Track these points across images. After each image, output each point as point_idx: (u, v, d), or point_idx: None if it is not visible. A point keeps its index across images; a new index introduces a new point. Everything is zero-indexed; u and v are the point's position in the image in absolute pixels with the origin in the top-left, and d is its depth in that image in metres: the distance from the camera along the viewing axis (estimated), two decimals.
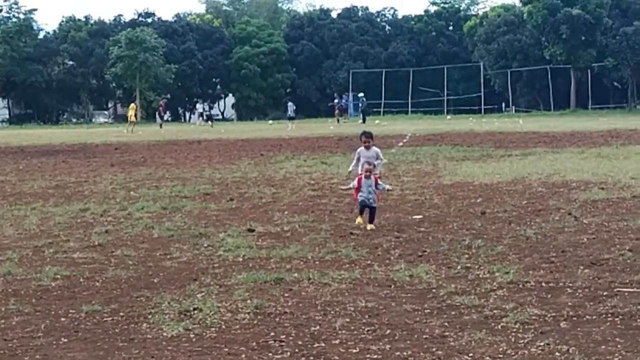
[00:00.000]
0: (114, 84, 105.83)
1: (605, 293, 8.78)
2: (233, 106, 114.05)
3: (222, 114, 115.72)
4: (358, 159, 14.41)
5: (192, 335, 7.54)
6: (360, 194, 13.54)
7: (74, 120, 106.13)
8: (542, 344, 7.05)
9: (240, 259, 11.05)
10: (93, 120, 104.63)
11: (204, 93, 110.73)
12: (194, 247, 12.01)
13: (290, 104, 71.00)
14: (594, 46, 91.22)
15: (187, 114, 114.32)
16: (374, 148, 14.63)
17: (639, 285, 9.11)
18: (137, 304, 8.75)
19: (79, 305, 8.76)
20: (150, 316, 8.23)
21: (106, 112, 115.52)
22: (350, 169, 15.21)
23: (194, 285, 9.56)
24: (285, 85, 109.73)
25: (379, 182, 13.87)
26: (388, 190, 14.70)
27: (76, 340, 7.51)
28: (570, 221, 13.49)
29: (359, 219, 13.72)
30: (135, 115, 64.60)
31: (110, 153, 35.06)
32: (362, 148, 14.50)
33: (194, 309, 8.38)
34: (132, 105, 66.79)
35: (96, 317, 8.28)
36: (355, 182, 13.78)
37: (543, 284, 9.26)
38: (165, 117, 69.61)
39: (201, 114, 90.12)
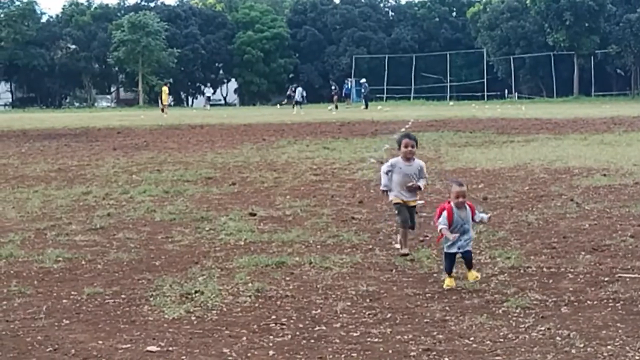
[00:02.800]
0: (116, 68, 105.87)
1: (606, 279, 8.78)
2: (235, 91, 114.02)
3: (225, 98, 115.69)
4: (388, 173, 10.33)
5: (193, 318, 7.55)
6: (447, 241, 8.50)
7: (77, 104, 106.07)
8: (542, 328, 7.06)
9: (242, 243, 11.06)
10: (95, 104, 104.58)
11: (206, 78, 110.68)
12: (195, 231, 12.02)
13: (300, 89, 71.17)
14: (598, 33, 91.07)
15: (190, 99, 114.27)
16: (418, 160, 10.34)
17: None
18: (139, 287, 8.77)
19: (80, 287, 8.77)
20: (151, 298, 8.24)
21: (108, 97, 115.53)
22: (382, 187, 10.53)
23: (196, 268, 9.57)
24: (288, 71, 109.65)
25: (477, 212, 8.75)
26: (486, 221, 9.11)
27: (78, 322, 7.53)
28: (572, 207, 13.48)
29: (448, 281, 8.55)
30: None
31: (112, 137, 35.05)
32: (398, 159, 10.21)
33: (196, 292, 8.39)
34: (164, 88, 68.20)
35: (98, 299, 8.29)
36: (444, 220, 8.44)
37: (544, 269, 9.26)
38: (168, 102, 70.00)
39: (208, 98, 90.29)
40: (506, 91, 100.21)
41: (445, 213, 8.45)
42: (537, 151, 23.48)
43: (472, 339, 6.87)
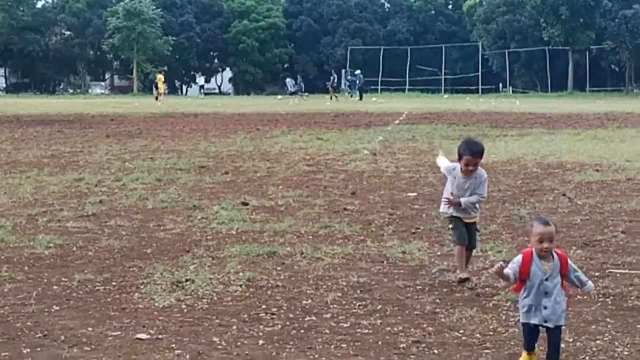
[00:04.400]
0: (111, 55, 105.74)
1: (597, 274, 8.80)
2: (230, 80, 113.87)
3: (219, 87, 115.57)
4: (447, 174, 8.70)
5: (183, 306, 7.55)
6: (525, 299, 5.90)
7: (71, 90, 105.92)
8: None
9: (234, 232, 11.06)
10: (89, 91, 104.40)
11: (201, 66, 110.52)
12: (187, 219, 12.01)
13: (299, 79, 71.37)
14: (593, 28, 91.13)
15: (184, 87, 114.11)
16: (481, 173, 8.40)
17: (631, 266, 9.13)
18: (130, 274, 8.76)
19: (71, 273, 8.76)
20: (142, 286, 8.24)
21: (103, 83, 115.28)
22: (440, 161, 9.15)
23: (187, 256, 9.56)
24: (283, 61, 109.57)
25: (576, 270, 6.01)
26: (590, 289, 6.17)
27: (68, 308, 7.52)
28: (564, 202, 13.50)
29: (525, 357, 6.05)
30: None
31: (106, 124, 34.98)
32: (455, 166, 8.47)
33: (186, 280, 8.39)
34: (160, 76, 68.49)
35: (88, 286, 8.28)
36: (515, 267, 5.89)
37: None
38: (162, 90, 70.15)
39: (201, 87, 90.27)
40: (501, 85, 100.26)
41: (518, 258, 5.86)
42: (530, 145, 23.50)
43: (461, 331, 6.88)
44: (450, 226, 8.69)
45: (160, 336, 6.69)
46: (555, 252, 5.83)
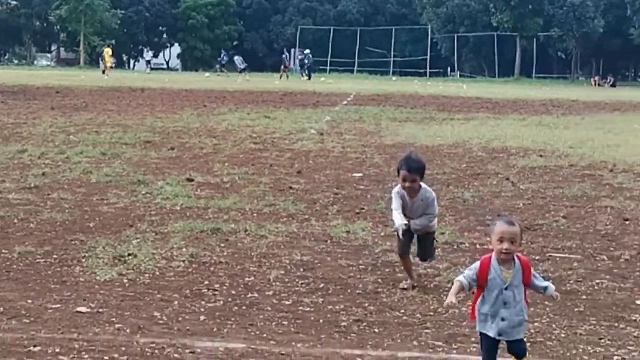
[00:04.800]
0: (58, 27, 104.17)
1: (537, 257, 8.91)
2: (178, 56, 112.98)
3: (167, 63, 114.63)
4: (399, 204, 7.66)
5: (125, 280, 7.50)
6: (483, 307, 5.33)
7: (15, 61, 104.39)
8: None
9: (178, 208, 11.01)
10: (35, 62, 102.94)
11: (149, 41, 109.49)
12: (131, 194, 11.92)
13: (237, 57, 70.83)
14: (541, 15, 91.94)
15: (132, 62, 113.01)
16: (427, 192, 7.72)
17: (571, 250, 9.27)
18: (71, 247, 8.68)
19: (11, 245, 8.66)
20: (83, 260, 8.17)
21: (49, 55, 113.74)
22: (397, 224, 7.54)
23: (130, 231, 9.50)
24: (232, 38, 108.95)
25: (536, 277, 5.43)
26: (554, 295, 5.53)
27: (7, 280, 7.43)
28: (508, 186, 13.64)
29: None
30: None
31: (51, 96, 34.52)
32: (401, 191, 7.62)
33: (129, 255, 8.33)
34: (107, 49, 67.86)
35: (29, 259, 8.20)
36: (472, 273, 5.34)
37: (477, 246, 9.37)
38: (110, 64, 69.40)
39: (148, 62, 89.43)
40: (449, 69, 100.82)
41: (476, 264, 5.32)
42: (476, 130, 23.68)
43: (402, 311, 6.94)
44: (396, 234, 7.81)
45: (100, 310, 6.65)
46: (517, 258, 5.26)
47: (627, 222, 10.90)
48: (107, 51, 68.64)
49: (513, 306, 5.19)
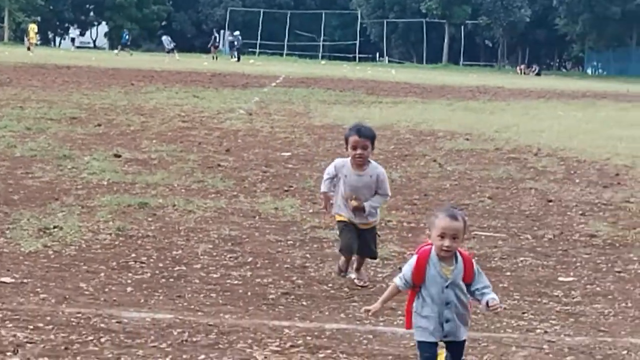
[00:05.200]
0: None
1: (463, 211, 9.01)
2: (106, 35, 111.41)
3: (94, 42, 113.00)
4: (332, 179, 7.07)
5: (50, 252, 7.41)
6: (422, 310, 4.77)
7: None
8: None
9: (105, 182, 10.89)
10: None
11: (76, 19, 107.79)
12: (57, 168, 11.76)
13: (165, 37, 70.19)
14: (469, 3, 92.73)
15: (58, 39, 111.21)
16: (375, 168, 7.04)
17: (496, 229, 9.41)
18: None
19: None
20: (7, 231, 8.05)
21: None
22: (322, 189, 7.21)
23: (55, 204, 9.38)
24: (161, 18, 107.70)
25: (480, 275, 4.85)
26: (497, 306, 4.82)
27: None
28: (435, 167, 13.78)
29: None
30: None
31: None
32: (345, 162, 6.99)
33: (54, 227, 8.23)
34: (32, 26, 66.73)
35: None
36: (407, 271, 4.81)
37: (404, 224, 9.46)
38: (36, 41, 68.29)
39: (73, 40, 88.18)
40: (378, 54, 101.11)
41: (412, 260, 4.78)
42: (404, 113, 23.83)
43: (330, 285, 6.97)
44: (338, 232, 7.10)
45: (25, 280, 6.56)
46: (460, 254, 4.73)
47: (550, 204, 11.10)
48: (33, 27, 67.50)
49: (456, 306, 4.68)
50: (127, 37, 78.80)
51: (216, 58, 68.42)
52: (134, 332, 5.57)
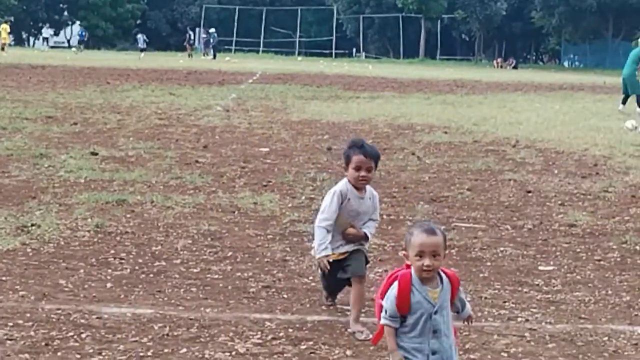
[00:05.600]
0: None
1: (443, 227, 8.98)
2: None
3: (69, 41, 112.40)
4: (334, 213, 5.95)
5: (29, 250, 7.35)
6: (408, 341, 4.16)
7: None
8: (380, 270, 7.22)
9: (82, 180, 10.82)
10: None
11: (50, 18, 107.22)
12: (34, 167, 11.68)
13: (140, 35, 69.92)
14: None
15: (32, 39, 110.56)
16: (369, 189, 6.18)
17: (475, 220, 9.42)
18: None
19: None
20: None
21: None
22: (321, 250, 5.91)
23: (33, 202, 9.31)
24: (136, 17, 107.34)
25: (460, 292, 4.32)
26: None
27: None
28: (414, 161, 13.78)
29: None
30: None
31: None
32: (345, 185, 6.02)
33: (32, 225, 8.17)
34: (4, 26, 66.33)
35: None
36: (391, 302, 4.15)
37: (384, 217, 9.42)
38: (9, 41, 67.85)
39: (45, 40, 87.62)
40: (354, 50, 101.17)
41: (394, 288, 4.15)
42: (381, 107, 23.83)
43: (310, 278, 6.96)
44: (320, 273, 6.14)
45: (3, 278, 6.51)
46: (444, 273, 4.18)
47: (529, 194, 11.12)
48: (5, 27, 66.95)
49: (445, 334, 4.11)
50: (84, 34, 78.42)
51: (191, 56, 68.22)
52: (114, 327, 5.54)
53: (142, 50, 66.16)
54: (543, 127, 19.28)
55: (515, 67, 79.72)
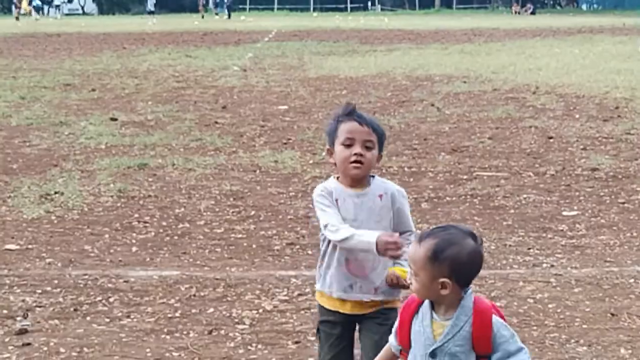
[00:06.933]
0: None
1: (465, 177, 9.01)
2: (94, 0, 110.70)
3: (83, 8, 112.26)
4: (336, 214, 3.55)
5: (53, 217, 7.40)
6: None
7: None
8: None
9: (103, 146, 10.85)
10: None
11: None
12: (54, 135, 11.71)
13: None
14: None
15: (47, 8, 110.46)
16: (383, 183, 3.68)
17: (497, 169, 9.38)
18: None
19: None
20: (9, 199, 8.03)
21: None
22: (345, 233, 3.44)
23: (55, 170, 9.36)
24: None
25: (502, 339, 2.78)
26: None
27: None
28: (433, 112, 13.72)
29: None
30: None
31: None
32: (332, 182, 3.64)
33: (55, 193, 8.22)
34: None
35: None
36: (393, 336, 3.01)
37: (405, 169, 9.43)
38: (22, 11, 67.77)
39: (57, 7, 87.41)
40: (369, 3, 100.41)
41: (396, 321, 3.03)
42: (399, 60, 23.68)
43: None
44: (315, 331, 3.90)
45: (30, 246, 6.56)
46: (473, 303, 2.82)
47: (551, 140, 11.07)
48: None
49: None
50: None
51: (202, 17, 67.97)
52: (141, 290, 5.59)
53: (150, 12, 65.71)
54: (563, 72, 19.13)
55: (533, 13, 78.94)
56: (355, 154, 3.50)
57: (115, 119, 13.05)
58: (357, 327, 3.65)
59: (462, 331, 2.78)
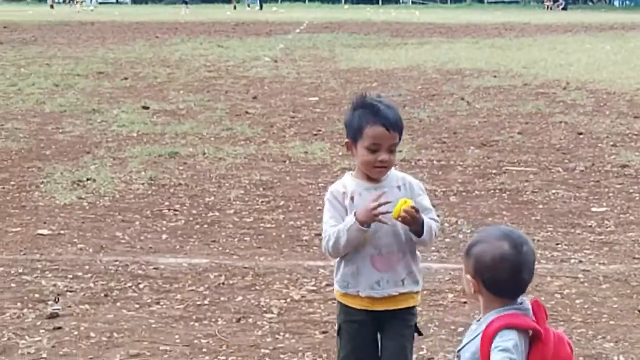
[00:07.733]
0: None
1: (494, 171, 9.02)
2: None
3: None
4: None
5: (85, 204, 7.50)
6: None
7: None
8: None
9: (135, 134, 10.95)
10: None
11: None
12: (87, 122, 11.83)
13: None
14: None
15: None
16: (400, 175, 3.58)
17: (527, 164, 9.38)
18: (29, 175, 8.64)
19: None
20: (42, 185, 8.14)
21: None
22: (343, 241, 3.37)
23: (87, 157, 9.47)
24: None
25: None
26: None
27: None
28: (463, 106, 13.71)
29: None
30: None
31: None
32: (349, 179, 3.55)
33: (88, 180, 8.32)
34: None
35: None
36: None
37: (435, 162, 9.46)
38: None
39: None
40: None
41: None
42: (430, 53, 23.66)
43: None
44: (337, 331, 3.67)
45: (62, 232, 6.66)
46: (489, 327, 2.63)
47: (581, 136, 11.04)
48: None
49: None
50: None
51: (234, 8, 68.09)
52: (171, 277, 5.66)
53: (183, 3, 65.88)
54: (594, 68, 19.04)
55: (564, 9, 78.43)
56: (380, 162, 3.44)
57: (147, 108, 13.15)
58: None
59: (471, 344, 2.69)
